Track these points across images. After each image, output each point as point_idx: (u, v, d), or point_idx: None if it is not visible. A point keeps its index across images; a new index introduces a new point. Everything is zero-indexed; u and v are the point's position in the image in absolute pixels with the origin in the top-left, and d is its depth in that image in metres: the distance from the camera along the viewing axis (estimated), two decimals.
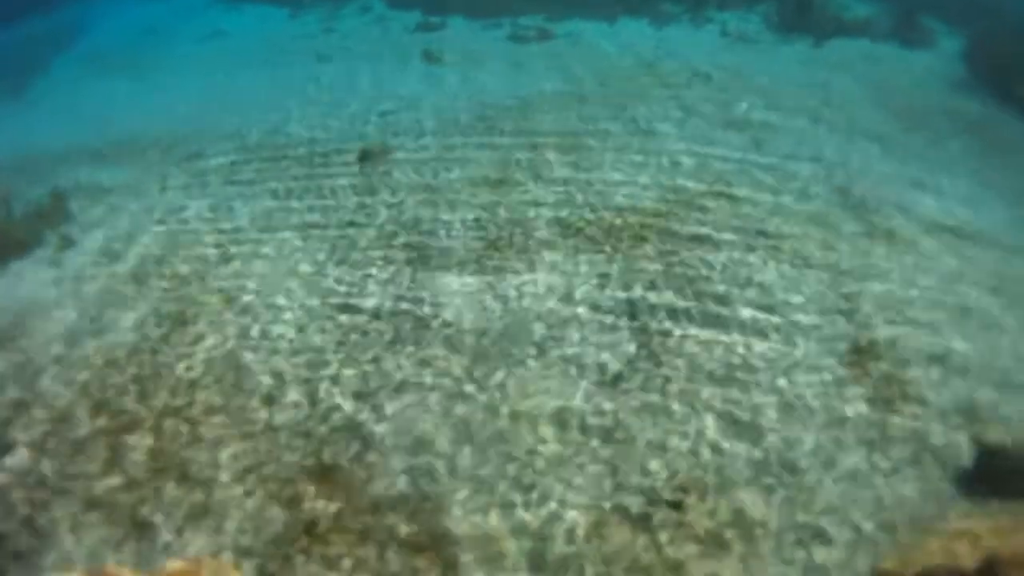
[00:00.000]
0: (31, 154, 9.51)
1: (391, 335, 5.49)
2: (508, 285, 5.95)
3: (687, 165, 7.68)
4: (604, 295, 5.77)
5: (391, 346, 5.38)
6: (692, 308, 5.62)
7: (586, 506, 4.14)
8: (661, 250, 6.27)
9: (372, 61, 11.96)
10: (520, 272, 6.11)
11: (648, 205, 6.95)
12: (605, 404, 4.81)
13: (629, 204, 6.97)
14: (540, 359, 5.19)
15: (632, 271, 6.02)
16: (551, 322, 5.52)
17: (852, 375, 5.00)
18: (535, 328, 5.47)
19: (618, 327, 5.45)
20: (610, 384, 4.96)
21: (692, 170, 7.56)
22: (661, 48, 11.87)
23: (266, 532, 4.12)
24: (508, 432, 4.62)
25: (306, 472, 4.45)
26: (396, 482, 4.35)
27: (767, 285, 5.85)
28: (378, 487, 4.33)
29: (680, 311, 5.59)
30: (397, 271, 6.21)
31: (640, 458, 4.43)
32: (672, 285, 5.84)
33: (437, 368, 5.15)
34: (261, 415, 4.87)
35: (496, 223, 6.80)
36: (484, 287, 5.95)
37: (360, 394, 4.98)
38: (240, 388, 5.10)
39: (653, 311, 5.59)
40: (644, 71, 10.66)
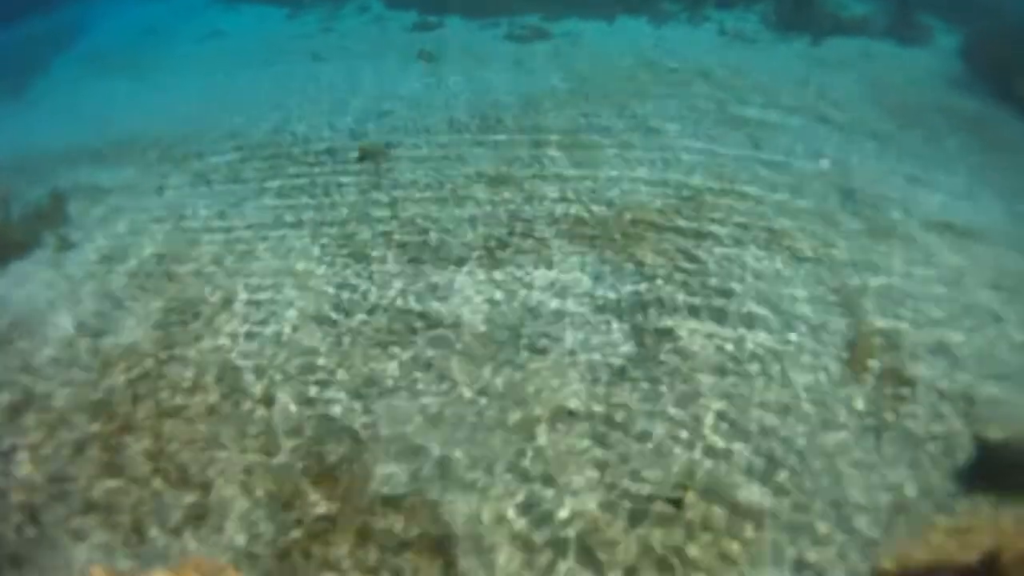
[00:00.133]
0: (30, 154, 9.51)
1: (395, 331, 5.49)
2: (512, 281, 5.96)
3: (687, 162, 7.68)
4: (607, 289, 5.78)
5: (395, 342, 5.39)
6: (695, 301, 5.65)
7: (595, 501, 4.16)
8: (663, 245, 6.28)
9: (371, 60, 11.95)
10: (524, 267, 6.13)
11: (649, 201, 6.96)
12: (611, 397, 4.84)
13: (631, 201, 6.98)
14: (544, 353, 5.20)
15: (634, 265, 6.04)
16: (555, 317, 5.54)
17: (850, 368, 5.01)
18: (539, 323, 5.48)
19: (622, 320, 5.47)
20: (617, 376, 4.99)
21: (692, 167, 7.56)
22: (660, 47, 11.86)
23: (265, 532, 4.12)
24: (515, 427, 4.63)
25: (306, 473, 4.46)
26: (398, 480, 4.36)
27: (768, 279, 5.87)
28: (378, 485, 4.34)
29: (684, 305, 5.62)
30: (400, 268, 6.21)
31: (644, 451, 4.44)
32: (673, 279, 5.86)
33: (443, 365, 5.16)
34: (260, 414, 4.88)
35: (499, 220, 6.80)
36: (489, 283, 5.96)
37: (360, 392, 4.99)
38: (239, 388, 5.11)
39: (657, 305, 5.61)
40: (643, 70, 10.65)
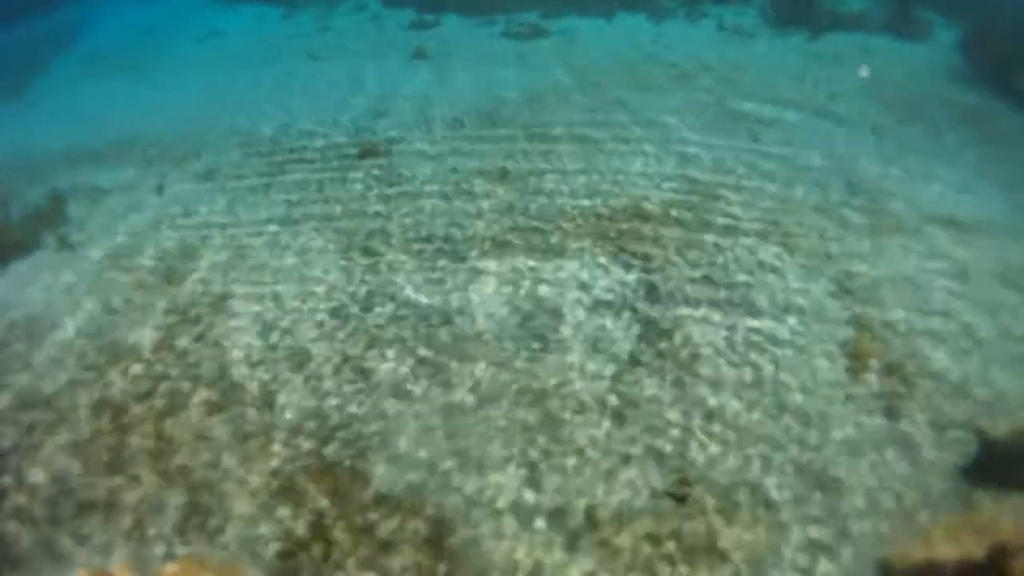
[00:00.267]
0: (30, 154, 9.50)
1: (406, 326, 5.49)
2: (521, 273, 5.98)
3: (687, 156, 7.69)
4: (614, 280, 5.79)
5: (407, 336, 5.39)
6: (702, 292, 5.69)
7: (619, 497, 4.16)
8: (665, 237, 6.29)
9: (368, 59, 11.95)
10: (531, 259, 6.15)
11: (653, 194, 6.99)
12: (620, 386, 4.89)
13: (634, 192, 7.00)
14: (557, 345, 5.24)
15: (639, 257, 6.06)
16: (567, 309, 5.56)
17: (856, 359, 5.04)
18: (550, 316, 5.49)
19: (634, 311, 5.50)
20: (628, 365, 5.03)
21: (691, 161, 7.57)
22: (659, 43, 11.87)
23: (270, 532, 4.12)
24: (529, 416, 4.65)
25: (309, 471, 4.46)
26: (404, 478, 4.37)
27: (773, 270, 5.91)
28: (381, 483, 4.34)
29: (691, 295, 5.66)
30: (405, 264, 6.21)
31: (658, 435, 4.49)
32: (677, 272, 5.87)
33: (457, 362, 5.17)
34: (263, 416, 4.87)
35: (505, 214, 6.81)
36: (498, 276, 5.98)
37: (387, 387, 5.00)
38: (242, 389, 5.10)
39: (664, 295, 5.65)
40: (643, 65, 10.66)
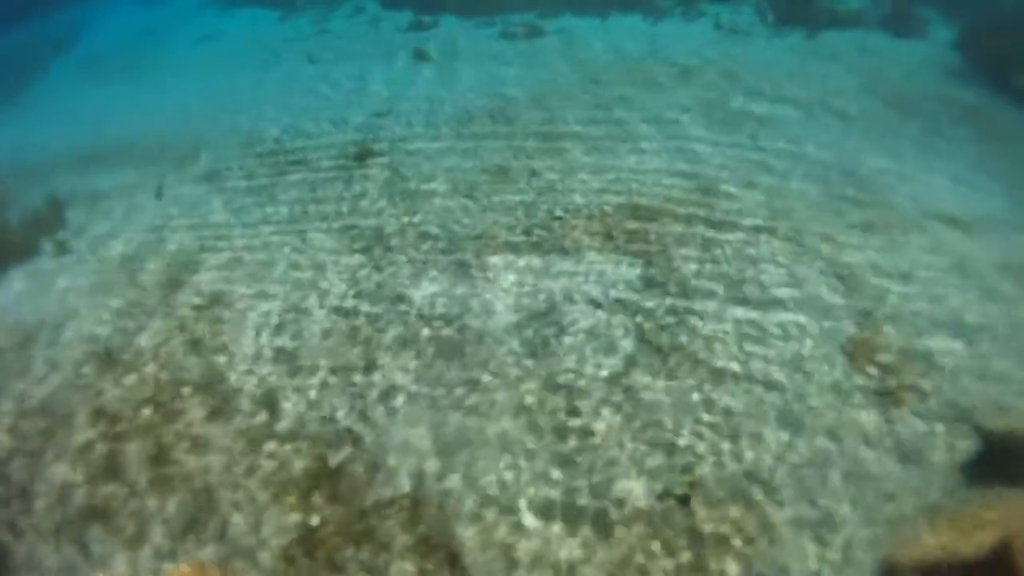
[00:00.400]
0: (29, 157, 9.49)
1: (417, 325, 5.48)
2: (532, 270, 6.01)
3: (687, 153, 7.69)
4: (622, 276, 5.80)
5: (413, 335, 5.38)
6: (707, 286, 5.71)
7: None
8: (669, 233, 6.31)
9: (369, 60, 11.94)
10: (542, 256, 6.17)
11: (655, 190, 7.02)
12: (625, 380, 4.91)
13: (636, 190, 7.03)
14: (566, 341, 5.26)
15: (645, 255, 6.09)
16: (576, 305, 5.58)
17: (859, 354, 5.06)
18: (562, 311, 5.52)
19: (641, 306, 5.54)
20: (632, 361, 5.05)
21: (691, 159, 7.57)
22: (656, 42, 11.85)
23: (269, 536, 4.11)
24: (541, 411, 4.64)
25: (309, 475, 4.45)
26: (409, 480, 4.36)
27: (777, 264, 5.94)
28: (382, 484, 4.33)
29: (696, 289, 5.69)
30: (406, 264, 6.21)
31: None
32: (684, 268, 5.88)
33: (472, 360, 5.18)
34: (263, 419, 4.86)
35: (511, 212, 6.82)
36: (509, 273, 6.00)
37: (391, 389, 4.98)
38: (241, 393, 5.09)
39: (672, 290, 5.69)
40: (641, 65, 10.65)
